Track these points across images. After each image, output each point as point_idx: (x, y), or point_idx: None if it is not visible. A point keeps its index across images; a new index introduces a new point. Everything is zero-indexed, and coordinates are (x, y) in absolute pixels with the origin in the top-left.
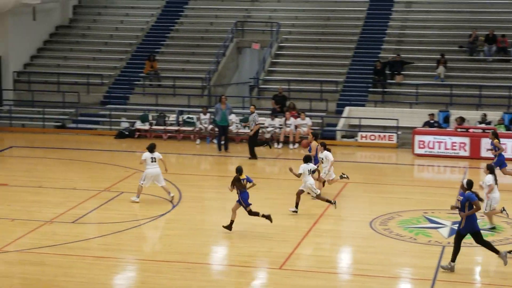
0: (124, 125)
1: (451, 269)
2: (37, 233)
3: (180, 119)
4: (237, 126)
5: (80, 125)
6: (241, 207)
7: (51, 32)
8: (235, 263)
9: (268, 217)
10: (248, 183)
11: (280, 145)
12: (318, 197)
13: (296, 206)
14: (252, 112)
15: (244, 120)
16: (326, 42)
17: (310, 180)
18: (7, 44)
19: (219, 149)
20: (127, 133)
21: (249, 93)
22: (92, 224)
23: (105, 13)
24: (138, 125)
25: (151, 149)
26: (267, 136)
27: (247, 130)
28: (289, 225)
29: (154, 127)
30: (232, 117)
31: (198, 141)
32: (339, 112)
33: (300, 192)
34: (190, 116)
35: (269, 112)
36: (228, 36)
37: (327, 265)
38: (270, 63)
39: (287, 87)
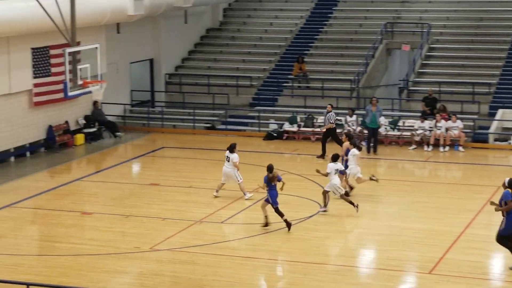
0: (273, 126)
1: None
2: (187, 232)
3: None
4: (386, 128)
5: (229, 127)
6: (269, 204)
7: (202, 34)
8: (384, 267)
9: (288, 224)
10: (278, 182)
11: (430, 148)
12: (342, 197)
13: (325, 205)
14: (329, 111)
15: (393, 123)
16: (479, 43)
17: (335, 180)
18: (159, 47)
19: (368, 151)
20: (275, 134)
21: (399, 95)
22: (240, 224)
23: (255, 16)
24: (286, 126)
25: (231, 148)
26: (417, 138)
27: (396, 133)
28: (440, 229)
29: (302, 129)
30: (382, 120)
31: None
32: (491, 115)
33: (325, 192)
34: (339, 118)
35: (419, 114)
36: (377, 38)
37: (478, 271)
38: (420, 64)
39: (437, 89)
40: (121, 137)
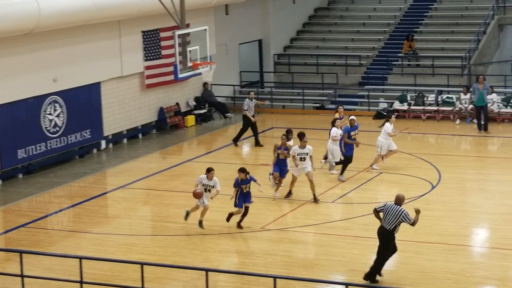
0: (382, 105)
1: None
2: (298, 212)
3: (439, 99)
4: (498, 105)
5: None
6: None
7: (310, 14)
8: (498, 246)
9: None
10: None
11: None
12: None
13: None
14: (251, 99)
15: (506, 100)
16: None
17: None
18: (268, 28)
19: (479, 129)
20: (385, 113)
21: (511, 71)
22: (353, 204)
23: None
24: (397, 105)
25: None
26: None
27: (509, 110)
28: None
29: (412, 107)
30: (493, 97)
31: (457, 121)
32: None
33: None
34: (450, 96)
35: None
36: (489, 14)
37: None
38: None
39: None
40: (231, 118)
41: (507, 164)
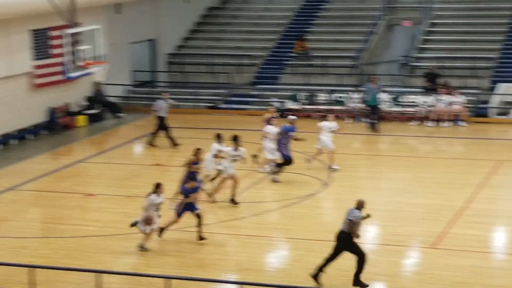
0: (275, 105)
1: None
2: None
3: (331, 98)
4: (388, 104)
5: (231, 106)
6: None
7: (203, 13)
8: (388, 242)
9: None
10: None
11: (432, 123)
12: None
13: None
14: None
15: (395, 99)
16: (479, 18)
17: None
18: (160, 27)
19: (371, 128)
20: (281, 113)
21: (400, 71)
22: (245, 203)
23: None
24: (289, 104)
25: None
26: (420, 114)
27: (398, 108)
28: (443, 204)
29: (304, 106)
30: (383, 96)
31: (349, 120)
32: (492, 89)
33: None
34: (341, 95)
35: (420, 90)
36: (378, 14)
37: (481, 244)
38: (421, 40)
39: (439, 64)
40: (122, 118)
41: (397, 162)
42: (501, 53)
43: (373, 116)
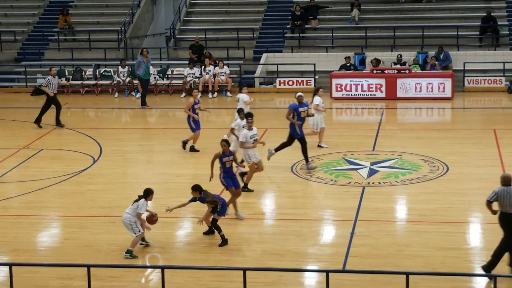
0: (40, 81)
1: None
2: None
3: (97, 73)
4: (155, 78)
5: None
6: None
7: None
8: (160, 215)
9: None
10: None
11: (200, 94)
12: None
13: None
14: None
15: (162, 72)
16: None
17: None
18: None
19: (143, 103)
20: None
21: (166, 44)
22: (12, 182)
23: None
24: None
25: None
26: (187, 86)
27: (165, 81)
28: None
29: (71, 82)
30: (150, 69)
31: (116, 94)
32: (256, 59)
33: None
34: (107, 69)
35: (186, 62)
36: None
37: (254, 211)
38: (186, 12)
39: (203, 36)
40: None
41: (165, 135)
42: (263, 24)
43: (144, 90)
